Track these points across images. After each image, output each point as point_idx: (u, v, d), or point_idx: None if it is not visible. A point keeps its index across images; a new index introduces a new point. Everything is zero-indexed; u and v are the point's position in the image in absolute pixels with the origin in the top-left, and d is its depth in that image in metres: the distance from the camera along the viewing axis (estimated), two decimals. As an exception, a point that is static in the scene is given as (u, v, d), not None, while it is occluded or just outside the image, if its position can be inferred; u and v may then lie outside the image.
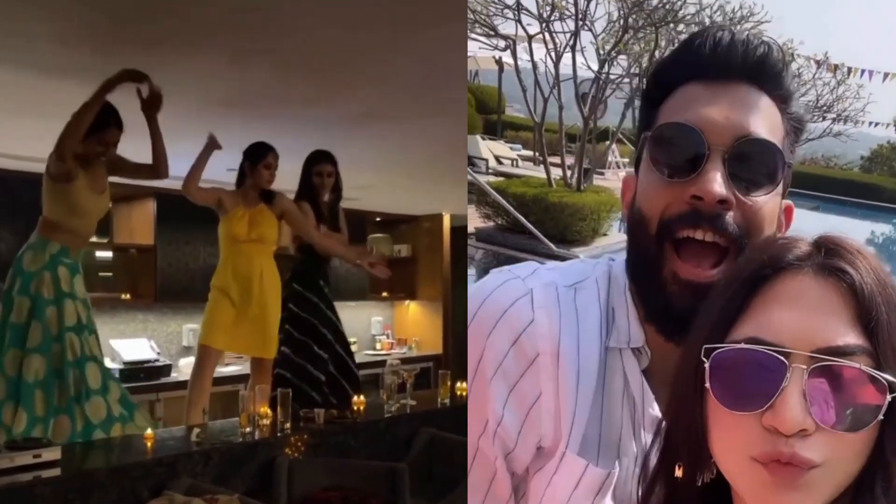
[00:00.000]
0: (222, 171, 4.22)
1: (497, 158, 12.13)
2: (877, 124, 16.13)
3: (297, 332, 4.17)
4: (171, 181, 5.07)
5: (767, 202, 1.04)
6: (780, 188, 1.05)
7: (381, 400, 3.98)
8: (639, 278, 1.10)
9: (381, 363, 5.66)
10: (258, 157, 4.01)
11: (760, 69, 1.05)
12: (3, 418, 3.11)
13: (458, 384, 4.23)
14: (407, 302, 8.02)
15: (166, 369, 5.60)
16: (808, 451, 0.79)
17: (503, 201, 7.67)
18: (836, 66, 13.94)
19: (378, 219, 7.87)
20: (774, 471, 0.80)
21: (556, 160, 9.44)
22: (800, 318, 0.83)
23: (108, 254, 5.85)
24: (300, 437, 3.30)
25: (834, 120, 15.29)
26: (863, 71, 13.55)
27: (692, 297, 1.00)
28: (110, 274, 5.86)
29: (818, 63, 13.97)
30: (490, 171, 11.14)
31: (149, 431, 3.10)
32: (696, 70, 1.06)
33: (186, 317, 6.11)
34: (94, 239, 5.52)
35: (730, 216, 1.02)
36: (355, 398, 3.85)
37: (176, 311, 6.08)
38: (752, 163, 1.02)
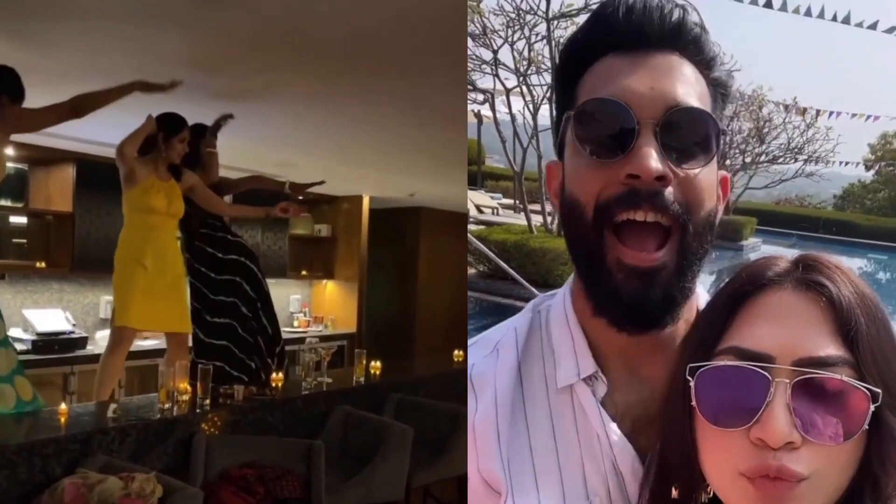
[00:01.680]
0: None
1: (478, 208, 12.34)
2: (847, 163, 16.82)
3: (195, 301, 4.11)
4: (94, 146, 4.97)
5: (705, 174, 0.97)
6: (715, 158, 0.98)
7: (298, 377, 3.98)
8: (583, 271, 1.03)
9: (299, 340, 5.71)
10: (175, 131, 3.85)
11: (679, 34, 0.99)
12: None
13: (373, 363, 4.34)
14: (325, 281, 8.01)
15: (82, 342, 5.34)
16: (796, 463, 0.79)
17: (484, 248, 7.80)
18: (804, 110, 14.41)
19: (300, 197, 7.76)
20: (762, 486, 0.79)
21: (537, 207, 9.70)
22: (781, 331, 0.83)
23: (23, 219, 5.54)
24: (218, 413, 3.27)
25: (805, 161, 15.86)
26: (830, 112, 13.99)
27: (640, 283, 0.96)
28: (24, 241, 5.55)
29: (787, 107, 14.37)
30: (472, 220, 11.29)
31: (62, 406, 3.00)
32: (612, 41, 0.99)
33: (104, 288, 5.76)
34: (7, 203, 5.41)
35: (669, 192, 0.95)
36: (273, 375, 3.82)
37: (93, 281, 5.80)
38: (686, 133, 0.96)
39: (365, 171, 6.42)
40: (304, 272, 7.69)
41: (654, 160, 0.93)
